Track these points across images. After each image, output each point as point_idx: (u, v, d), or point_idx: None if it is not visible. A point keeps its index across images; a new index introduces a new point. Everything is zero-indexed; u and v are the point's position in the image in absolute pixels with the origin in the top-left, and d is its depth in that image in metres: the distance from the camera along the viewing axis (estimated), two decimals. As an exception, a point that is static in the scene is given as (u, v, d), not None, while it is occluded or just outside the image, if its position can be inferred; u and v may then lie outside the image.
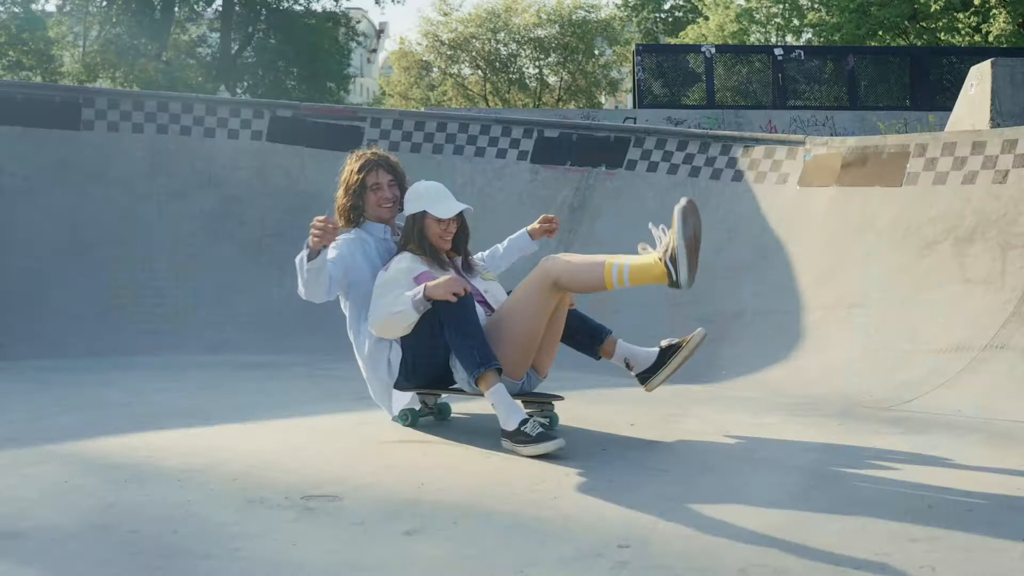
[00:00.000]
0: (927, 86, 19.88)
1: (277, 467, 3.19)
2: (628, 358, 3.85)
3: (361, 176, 3.97)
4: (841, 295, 5.62)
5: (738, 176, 6.78)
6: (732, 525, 2.58)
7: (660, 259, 3.36)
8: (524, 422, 3.38)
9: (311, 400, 4.67)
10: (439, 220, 3.80)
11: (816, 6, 29.45)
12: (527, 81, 37.78)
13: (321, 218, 3.55)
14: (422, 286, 3.56)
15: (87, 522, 2.59)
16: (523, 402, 3.67)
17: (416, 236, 3.81)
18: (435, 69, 38.30)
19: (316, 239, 3.54)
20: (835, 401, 4.62)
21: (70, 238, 7.21)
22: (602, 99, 39.89)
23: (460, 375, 3.64)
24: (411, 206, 3.85)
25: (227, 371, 5.72)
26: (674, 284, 3.33)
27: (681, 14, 38.01)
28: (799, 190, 6.42)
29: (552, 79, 38.20)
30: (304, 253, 3.63)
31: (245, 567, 2.26)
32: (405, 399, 3.97)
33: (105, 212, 7.35)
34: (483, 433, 3.76)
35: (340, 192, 4.04)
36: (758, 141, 6.95)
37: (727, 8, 31.39)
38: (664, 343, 3.83)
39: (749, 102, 20.57)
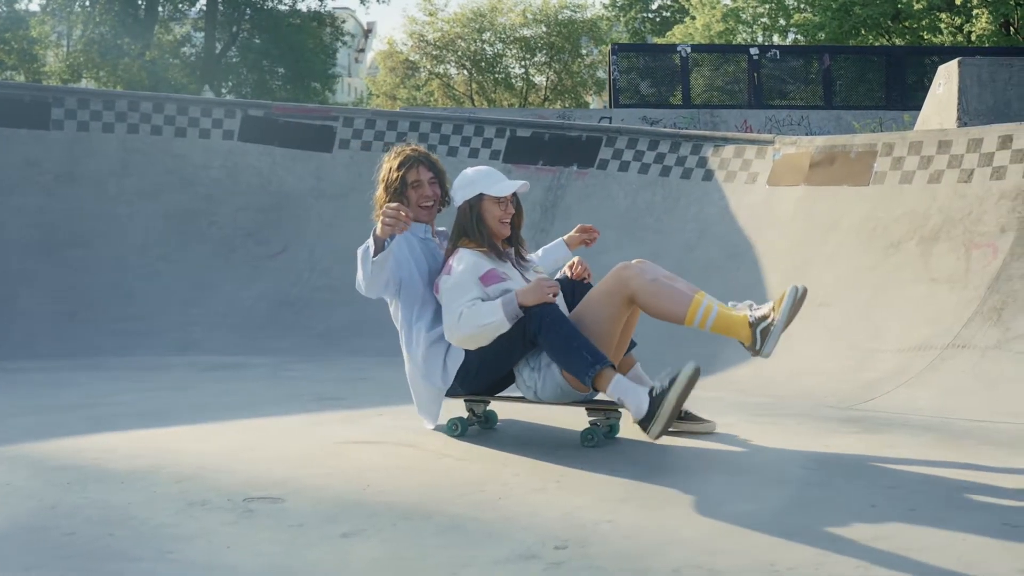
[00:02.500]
0: (903, 85, 19.91)
1: (225, 469, 3.16)
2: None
3: (401, 173, 3.75)
4: (808, 294, 5.60)
5: (708, 175, 6.78)
6: (674, 526, 2.57)
7: (751, 323, 3.31)
8: (651, 391, 3.24)
9: (272, 401, 4.63)
10: (498, 200, 3.59)
11: (802, 6, 29.47)
12: (513, 81, 37.75)
13: (394, 205, 3.37)
14: (512, 293, 3.40)
15: (23, 525, 2.57)
16: (587, 409, 3.55)
17: (475, 223, 3.58)
18: (421, 69, 38.24)
19: (387, 227, 3.35)
20: (797, 400, 4.62)
21: (39, 238, 7.18)
22: (588, 99, 39.89)
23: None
24: (463, 193, 3.63)
25: (193, 372, 5.68)
26: (754, 351, 3.31)
27: (669, 14, 38.02)
28: (768, 189, 6.42)
29: (538, 79, 38.19)
30: (369, 243, 3.45)
31: (175, 570, 2.24)
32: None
33: (74, 212, 7.32)
34: (442, 432, 3.75)
35: (379, 191, 3.82)
36: (728, 141, 6.95)
37: (713, 8, 31.39)
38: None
39: (725, 102, 20.55)
